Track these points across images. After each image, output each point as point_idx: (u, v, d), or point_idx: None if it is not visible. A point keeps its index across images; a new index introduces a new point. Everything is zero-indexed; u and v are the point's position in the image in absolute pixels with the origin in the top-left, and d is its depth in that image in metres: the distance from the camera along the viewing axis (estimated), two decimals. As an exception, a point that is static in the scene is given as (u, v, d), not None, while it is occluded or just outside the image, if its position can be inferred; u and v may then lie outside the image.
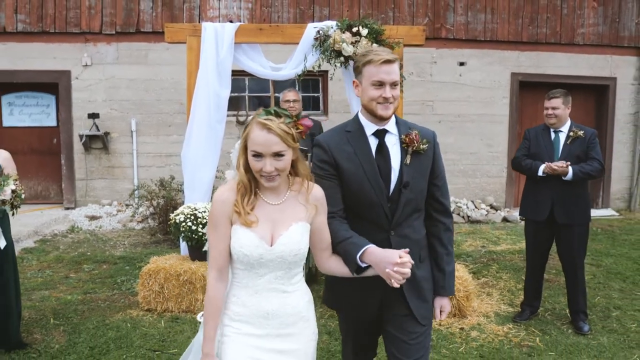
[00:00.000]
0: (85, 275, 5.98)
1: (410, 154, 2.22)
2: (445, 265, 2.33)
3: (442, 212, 2.35)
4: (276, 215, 1.97)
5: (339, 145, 2.24)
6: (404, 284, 2.10)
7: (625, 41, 9.44)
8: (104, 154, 9.02)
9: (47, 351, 4.04)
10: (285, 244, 1.94)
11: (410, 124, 2.33)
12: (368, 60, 2.17)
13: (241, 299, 1.98)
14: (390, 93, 2.16)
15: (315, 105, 9.46)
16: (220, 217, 1.96)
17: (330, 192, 2.17)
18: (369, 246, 2.05)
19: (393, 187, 2.22)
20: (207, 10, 8.80)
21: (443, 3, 9.06)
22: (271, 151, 1.86)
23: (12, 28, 8.73)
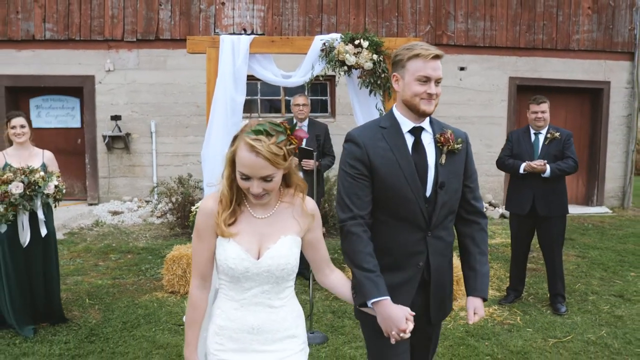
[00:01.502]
0: (112, 264, 6.58)
1: (445, 153, 2.15)
2: (478, 265, 2.24)
3: (475, 213, 2.28)
4: (264, 228, 1.89)
5: (374, 141, 2.14)
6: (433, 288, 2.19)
7: (619, 47, 9.89)
8: (125, 154, 9.65)
9: (85, 325, 4.63)
10: (272, 258, 1.86)
11: (443, 123, 2.26)
12: (415, 54, 2.07)
13: (226, 313, 1.91)
14: (435, 90, 2.08)
15: (323, 108, 10.01)
16: (205, 228, 1.90)
17: (360, 193, 2.10)
18: (385, 299, 1.98)
19: (430, 187, 2.14)
20: (222, 19, 9.39)
21: (444, 11, 9.58)
22: (259, 175, 1.77)
23: (40, 36, 9.38)
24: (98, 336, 4.39)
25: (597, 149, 10.12)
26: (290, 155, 1.83)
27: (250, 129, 1.77)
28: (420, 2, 9.51)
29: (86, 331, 4.50)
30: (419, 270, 2.17)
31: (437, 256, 2.18)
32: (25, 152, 4.61)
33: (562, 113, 10.24)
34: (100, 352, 4.10)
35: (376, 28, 9.39)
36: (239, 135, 1.81)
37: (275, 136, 1.77)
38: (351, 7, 9.43)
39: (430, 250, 2.15)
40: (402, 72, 2.12)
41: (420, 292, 2.19)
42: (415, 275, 2.17)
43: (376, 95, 5.38)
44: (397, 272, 2.15)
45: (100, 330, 4.52)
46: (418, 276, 2.17)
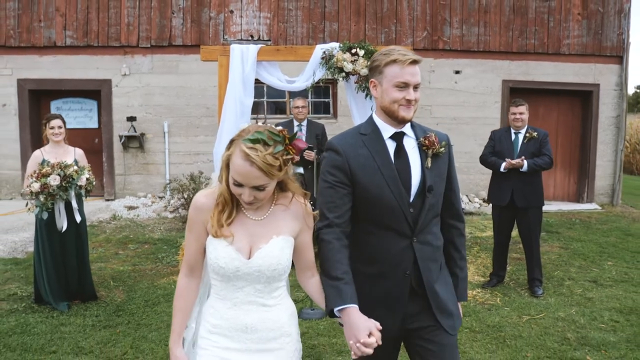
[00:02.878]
0: (131, 252, 7.18)
1: (431, 157, 2.12)
2: (458, 270, 2.26)
3: (456, 217, 2.26)
4: (257, 229, 1.88)
5: (354, 148, 2.10)
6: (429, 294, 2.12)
7: (608, 51, 10.40)
8: (140, 153, 10.26)
9: (112, 302, 5.23)
10: (263, 258, 1.84)
11: (425, 127, 2.23)
12: (392, 59, 2.03)
13: (219, 312, 1.90)
14: (414, 95, 2.04)
15: (325, 109, 10.59)
16: (196, 222, 1.91)
17: (338, 202, 2.06)
18: (350, 306, 1.88)
19: (415, 192, 2.09)
20: (230, 26, 9.98)
21: (440, 18, 10.13)
22: (251, 184, 1.75)
23: (61, 42, 10.01)
24: (124, 311, 4.98)
25: (588, 148, 10.62)
26: (287, 166, 1.79)
27: (247, 136, 1.73)
28: (418, 10, 10.07)
29: (113, 307, 5.09)
30: (406, 279, 2.11)
31: (425, 262, 2.12)
32: (60, 150, 5.20)
33: (554, 114, 10.77)
34: (127, 324, 4.69)
35: (375, 34, 9.96)
36: (235, 140, 1.78)
37: (273, 146, 1.73)
38: (352, 14, 10.00)
39: (418, 256, 2.10)
40: (380, 78, 2.06)
41: (415, 300, 2.13)
42: (403, 284, 2.11)
43: (371, 99, 5.92)
44: (383, 281, 2.10)
45: (126, 306, 5.11)
46: (406, 284, 2.12)
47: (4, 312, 4.93)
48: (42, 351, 4.13)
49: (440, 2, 10.08)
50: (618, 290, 5.49)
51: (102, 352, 4.14)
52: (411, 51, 2.09)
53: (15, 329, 4.55)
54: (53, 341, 4.31)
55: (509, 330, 4.53)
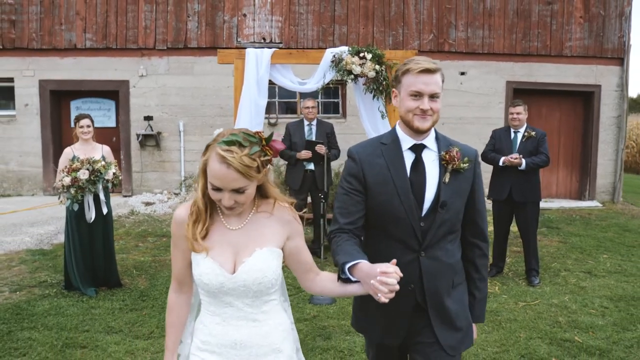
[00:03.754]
0: (150, 245, 7.59)
1: (450, 172, 2.07)
2: (476, 291, 2.20)
3: (479, 236, 2.20)
4: (239, 239, 1.81)
5: (371, 157, 2.11)
6: (432, 311, 2.08)
7: (609, 53, 10.68)
8: (156, 151, 10.68)
9: (136, 289, 5.63)
10: (247, 272, 1.77)
11: (452, 140, 2.17)
12: (407, 69, 2.05)
13: (208, 327, 1.85)
14: (428, 105, 2.01)
15: (335, 109, 10.96)
16: (179, 237, 1.84)
17: (351, 208, 2.09)
18: (361, 261, 1.85)
19: (428, 206, 2.07)
20: (243, 29, 10.37)
21: (446, 21, 10.47)
22: (230, 187, 1.69)
23: (81, 45, 10.45)
24: (148, 296, 5.38)
25: (589, 147, 10.92)
26: (265, 167, 1.76)
27: (222, 139, 1.69)
28: (424, 13, 10.42)
29: (137, 293, 5.49)
30: (410, 292, 2.08)
31: (431, 278, 2.09)
32: (88, 147, 5.61)
33: (557, 114, 11.07)
34: (152, 307, 5.09)
35: (383, 37, 10.32)
36: (211, 145, 1.73)
37: (249, 147, 1.69)
38: (361, 18, 10.36)
39: (424, 271, 2.08)
40: (399, 87, 2.09)
41: (420, 315, 2.12)
42: (407, 297, 2.08)
43: (378, 99, 6.30)
44: None
45: (149, 292, 5.51)
46: (410, 298, 2.10)
47: (37, 297, 5.35)
48: (76, 330, 4.53)
49: (446, 6, 10.42)
50: (610, 280, 5.82)
51: (130, 331, 4.54)
52: (431, 60, 2.06)
53: (50, 311, 4.96)
54: (85, 322, 4.72)
55: (505, 314, 4.88)
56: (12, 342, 4.26)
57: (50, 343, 4.25)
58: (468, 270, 2.21)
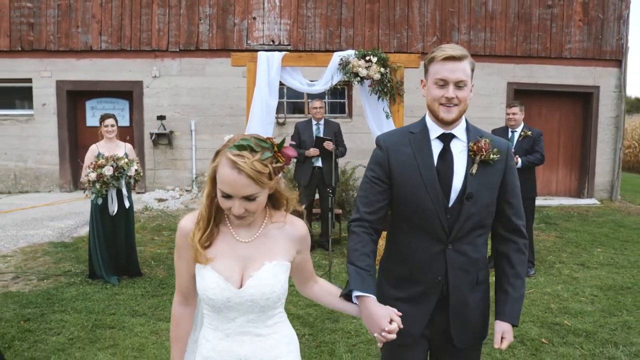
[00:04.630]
0: (166, 238, 7.97)
1: (478, 163, 2.01)
2: (511, 288, 2.08)
3: (514, 231, 2.11)
4: (248, 252, 1.75)
5: (398, 146, 2.07)
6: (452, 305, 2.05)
7: (608, 55, 11.00)
8: (168, 149, 11.08)
9: (155, 278, 6.01)
10: (254, 287, 1.71)
11: (483, 132, 2.12)
12: (432, 56, 2.00)
13: (211, 342, 1.78)
14: (454, 93, 1.95)
15: (341, 109, 11.32)
16: (183, 248, 1.78)
17: (372, 198, 2.06)
18: (370, 296, 1.85)
19: (454, 197, 2.01)
20: (253, 32, 10.75)
21: (449, 24, 10.81)
22: (241, 194, 1.62)
23: (97, 47, 10.85)
24: (167, 285, 5.76)
25: (588, 146, 11.24)
26: (277, 174, 1.69)
27: (233, 144, 1.62)
28: (428, 16, 10.76)
29: (157, 282, 5.87)
30: (437, 285, 2.06)
31: (457, 272, 2.05)
32: (112, 145, 5.99)
33: (557, 115, 11.40)
34: (172, 294, 5.42)
35: (388, 39, 10.67)
36: (221, 151, 1.66)
37: (260, 152, 1.62)
38: (366, 21, 10.72)
39: (449, 264, 2.03)
40: (427, 76, 2.06)
41: (442, 310, 2.09)
42: (433, 290, 2.06)
43: (383, 100, 6.65)
44: (413, 284, 2.07)
45: (168, 281, 5.89)
46: (436, 291, 2.07)
47: (64, 285, 5.74)
48: (103, 313, 4.92)
49: (449, 10, 10.77)
50: (602, 271, 6.16)
51: (153, 314, 4.92)
52: (458, 47, 2.00)
53: (77, 297, 5.35)
54: (111, 306, 5.10)
55: (501, 302, 5.22)
56: (46, 323, 4.65)
57: (81, 324, 4.63)
58: (502, 266, 2.11)
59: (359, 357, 3.99)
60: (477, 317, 2.12)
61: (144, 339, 4.36)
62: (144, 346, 4.22)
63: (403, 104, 6.74)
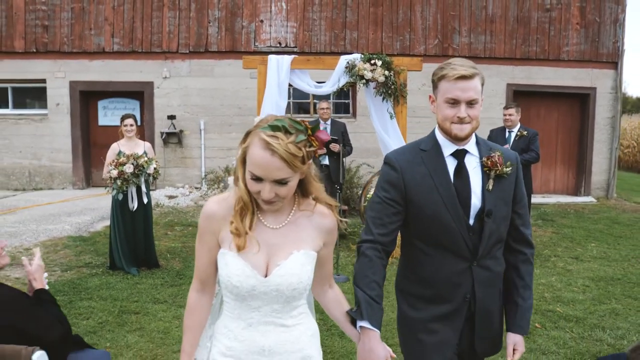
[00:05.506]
0: (178, 233, 8.33)
1: (493, 178, 1.98)
2: (521, 300, 2.09)
3: (522, 242, 2.10)
4: (275, 240, 1.69)
5: (412, 165, 2.01)
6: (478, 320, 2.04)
7: (604, 57, 11.35)
8: (178, 148, 11.44)
9: (172, 269, 6.37)
10: (282, 276, 1.65)
11: (491, 144, 2.10)
12: (443, 74, 1.94)
13: (233, 332, 1.72)
14: (465, 112, 1.91)
15: (346, 110, 11.68)
16: (206, 231, 1.73)
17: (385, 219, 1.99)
18: (375, 330, 1.82)
19: (474, 214, 1.98)
20: (260, 34, 11.10)
21: (450, 27, 11.16)
22: (272, 177, 1.56)
23: (109, 48, 11.22)
24: (184, 275, 6.12)
25: (585, 146, 11.58)
26: (310, 159, 1.63)
27: (266, 124, 1.56)
28: (429, 20, 11.11)
29: (174, 272, 6.23)
30: (465, 302, 2.03)
31: (483, 287, 2.03)
32: (132, 143, 6.34)
33: (555, 115, 11.75)
34: (189, 284, 5.76)
35: (391, 42, 11.02)
36: (252, 131, 1.60)
37: (295, 135, 1.56)
38: (370, 24, 11.07)
39: (476, 280, 2.01)
40: (436, 93, 2.01)
41: (468, 323, 2.07)
42: (462, 307, 2.03)
43: (387, 102, 7.00)
44: (442, 304, 2.03)
45: (185, 272, 6.24)
46: (465, 308, 2.04)
47: (87, 275, 6.10)
48: (127, 300, 5.27)
49: (450, 13, 11.11)
50: (595, 264, 6.51)
51: (174, 301, 5.27)
52: (469, 63, 1.96)
53: (101, 286, 5.71)
54: (133, 294, 5.46)
55: (498, 292, 5.58)
56: (75, 309, 5.01)
57: (108, 310, 4.99)
58: (511, 277, 2.11)
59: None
60: (498, 326, 2.13)
61: (167, 323, 4.72)
62: (168, 329, 4.58)
63: (406, 105, 7.09)
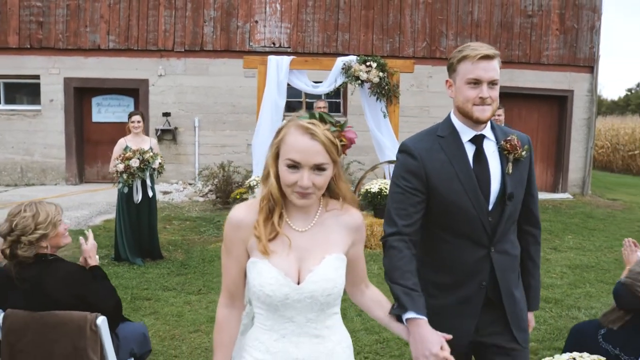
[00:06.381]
0: (177, 227, 8.62)
1: (512, 161, 1.99)
2: (531, 279, 2.17)
3: (533, 224, 2.15)
4: (305, 243, 1.64)
5: (431, 152, 1.99)
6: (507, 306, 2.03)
7: (581, 62, 11.95)
8: (173, 144, 11.70)
9: (176, 260, 6.67)
10: (316, 282, 1.61)
11: (505, 128, 2.12)
12: (463, 55, 1.93)
13: (265, 344, 1.66)
14: (488, 93, 1.90)
15: (337, 108, 12.07)
16: (234, 241, 1.67)
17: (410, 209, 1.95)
18: (422, 318, 1.75)
19: (494, 199, 1.98)
20: (255, 34, 11.42)
21: (437, 31, 11.63)
22: (312, 162, 1.54)
23: (105, 46, 11.41)
24: (188, 266, 6.43)
25: (563, 145, 12.19)
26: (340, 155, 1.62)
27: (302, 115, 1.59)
28: (418, 23, 11.56)
29: (178, 263, 6.54)
30: (481, 289, 2.02)
31: (504, 272, 2.03)
32: (139, 139, 6.63)
33: (535, 115, 12.32)
34: (194, 273, 6.15)
35: (382, 44, 11.45)
36: (285, 125, 1.61)
37: (329, 125, 1.58)
38: (361, 26, 11.48)
39: (497, 267, 2.00)
40: (454, 76, 1.99)
41: (489, 311, 2.05)
42: (478, 294, 2.02)
43: (381, 101, 7.42)
44: (457, 290, 2.02)
45: (188, 262, 6.56)
46: (481, 295, 2.03)
47: (94, 265, 6.37)
48: (137, 288, 5.57)
49: (438, 17, 11.58)
50: (571, 254, 7.02)
51: (182, 289, 5.59)
52: (488, 46, 1.96)
53: (110, 275, 5.84)
54: (142, 283, 5.76)
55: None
56: (90, 295, 5.30)
57: (121, 296, 5.22)
58: (523, 259, 2.14)
59: (367, 318, 4.72)
60: (524, 311, 2.14)
61: (179, 308, 5.04)
62: (181, 313, 4.90)
63: (399, 105, 7.51)
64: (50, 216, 2.57)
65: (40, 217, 2.54)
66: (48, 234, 2.56)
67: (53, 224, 2.59)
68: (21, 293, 2.54)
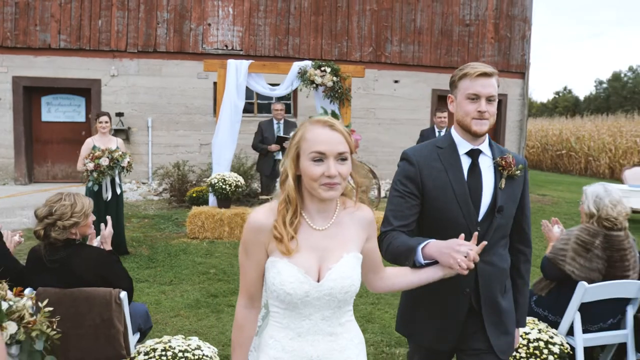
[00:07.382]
0: (136, 225, 8.82)
1: (505, 177, 2.10)
2: (519, 295, 2.25)
3: (524, 242, 2.24)
4: (324, 242, 1.68)
5: (428, 161, 2.12)
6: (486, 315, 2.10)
7: (514, 68, 13.04)
8: (126, 144, 11.67)
9: (142, 255, 6.93)
10: (335, 280, 1.64)
11: (503, 148, 2.22)
12: (464, 73, 2.08)
13: (281, 343, 1.69)
14: (486, 107, 2.04)
15: (287, 110, 12.51)
16: (253, 244, 1.70)
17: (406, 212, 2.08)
18: (430, 240, 1.88)
19: (484, 211, 2.08)
20: (208, 37, 11.70)
21: (383, 37, 12.34)
22: (336, 151, 1.60)
23: (55, 45, 11.34)
24: (155, 260, 6.71)
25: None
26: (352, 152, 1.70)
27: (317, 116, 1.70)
28: (365, 29, 12.23)
29: (145, 258, 6.81)
30: (465, 296, 2.11)
31: (487, 282, 2.11)
32: (106, 139, 6.84)
33: (472, 117, 13.28)
34: (162, 267, 6.45)
35: (330, 48, 12.02)
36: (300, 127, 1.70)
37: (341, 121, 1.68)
38: (311, 31, 12.01)
39: (480, 276, 2.09)
40: (455, 92, 2.13)
41: (473, 319, 2.14)
42: (463, 301, 2.11)
43: (334, 104, 7.96)
44: (442, 297, 2.11)
45: (154, 257, 6.83)
46: (465, 302, 2.12)
47: (61, 261, 6.55)
48: (109, 281, 5.84)
49: (384, 24, 12.29)
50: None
51: (154, 280, 5.90)
52: (487, 65, 2.10)
53: (79, 269, 6.21)
54: (113, 276, 6.02)
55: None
56: (64, 288, 5.52)
57: (95, 288, 5.55)
58: (512, 276, 2.23)
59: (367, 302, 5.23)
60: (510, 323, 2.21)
61: (155, 296, 5.37)
62: (158, 301, 5.24)
63: (350, 107, 8.08)
64: (85, 208, 2.92)
65: (77, 207, 2.88)
66: (80, 222, 2.91)
67: (85, 215, 2.94)
68: (51, 273, 2.87)
